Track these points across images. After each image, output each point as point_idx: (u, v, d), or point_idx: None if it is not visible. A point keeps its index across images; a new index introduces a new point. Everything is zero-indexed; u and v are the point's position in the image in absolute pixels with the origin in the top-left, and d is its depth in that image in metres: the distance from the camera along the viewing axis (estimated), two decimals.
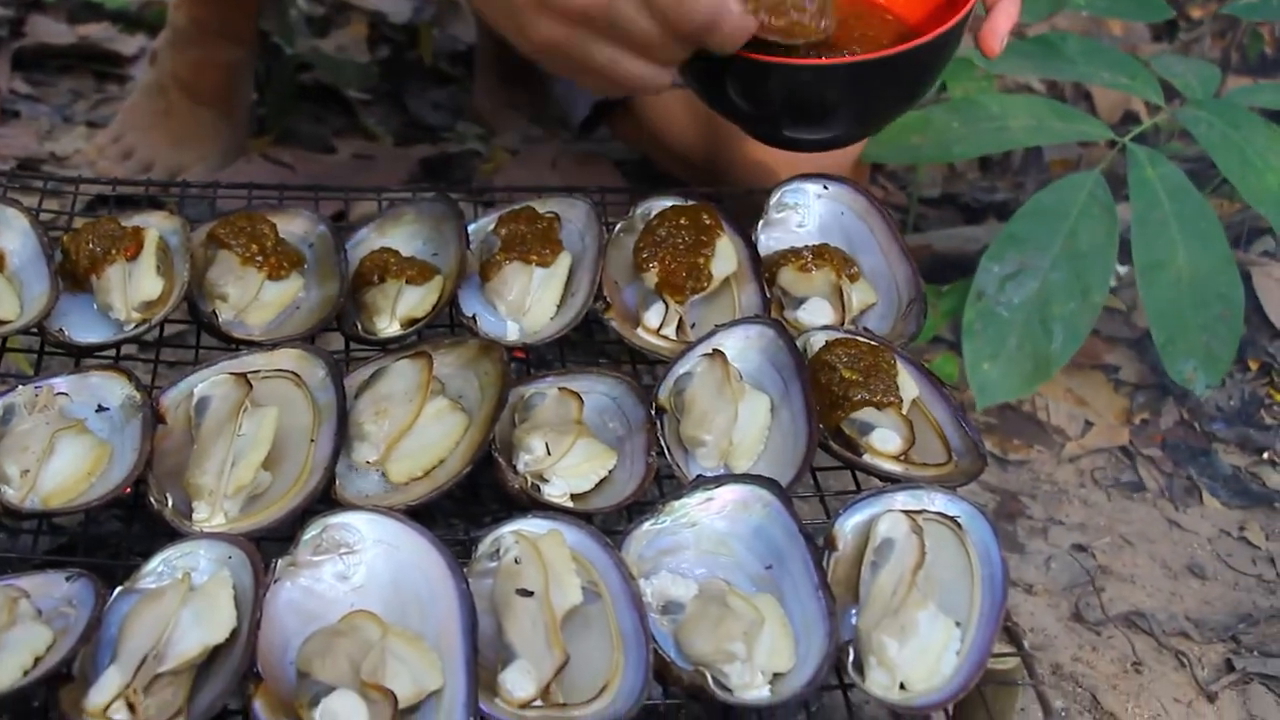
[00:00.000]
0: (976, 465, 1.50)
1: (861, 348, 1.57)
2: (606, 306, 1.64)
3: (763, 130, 1.68)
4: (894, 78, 1.57)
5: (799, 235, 1.80)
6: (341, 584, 1.33)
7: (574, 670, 1.26)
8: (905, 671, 1.29)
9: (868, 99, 1.60)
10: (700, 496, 1.41)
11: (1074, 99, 2.99)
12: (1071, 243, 2.08)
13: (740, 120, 1.67)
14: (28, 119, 2.74)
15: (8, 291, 1.57)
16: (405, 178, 2.60)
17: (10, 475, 1.37)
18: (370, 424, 1.46)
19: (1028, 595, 1.94)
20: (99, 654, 1.24)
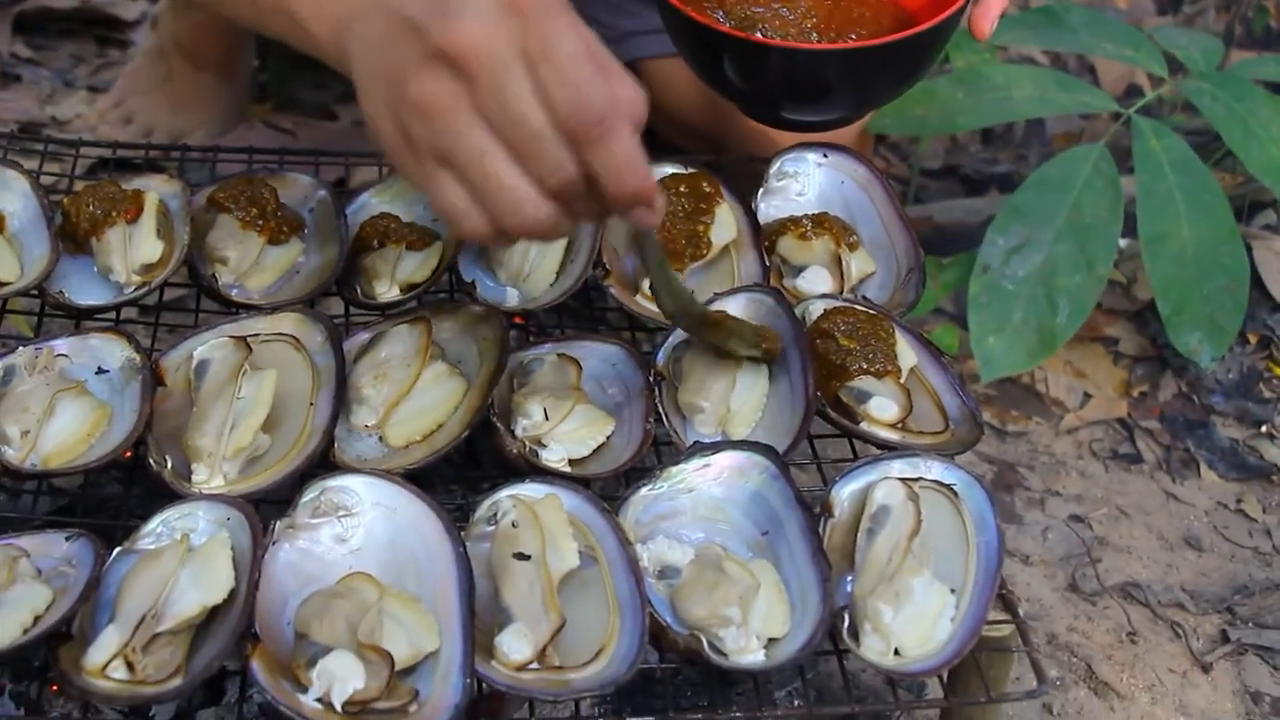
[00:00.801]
0: (973, 434, 1.50)
1: (860, 316, 1.57)
2: (606, 273, 1.64)
3: (759, 110, 1.68)
4: (893, 62, 1.57)
5: (799, 204, 1.80)
6: (339, 546, 1.33)
7: (570, 634, 1.27)
8: (900, 638, 1.30)
9: (866, 83, 1.59)
10: (697, 463, 1.42)
11: (1077, 71, 2.99)
12: (1076, 215, 2.08)
13: (737, 99, 1.66)
14: (29, 83, 2.73)
15: (8, 253, 1.57)
16: None
17: (10, 436, 1.37)
18: (369, 388, 1.46)
19: (1024, 565, 1.95)
20: (98, 613, 1.25)
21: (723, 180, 1.73)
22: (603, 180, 1.18)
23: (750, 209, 1.73)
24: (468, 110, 1.15)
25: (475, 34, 1.13)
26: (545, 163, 1.17)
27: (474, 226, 1.20)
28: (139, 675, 1.20)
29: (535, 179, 1.18)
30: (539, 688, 1.23)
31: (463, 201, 1.19)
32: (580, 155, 1.16)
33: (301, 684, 1.20)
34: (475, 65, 1.14)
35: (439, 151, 1.18)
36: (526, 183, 1.18)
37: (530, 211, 1.18)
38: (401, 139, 1.20)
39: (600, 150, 1.16)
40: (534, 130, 1.15)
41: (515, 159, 1.17)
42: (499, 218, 1.19)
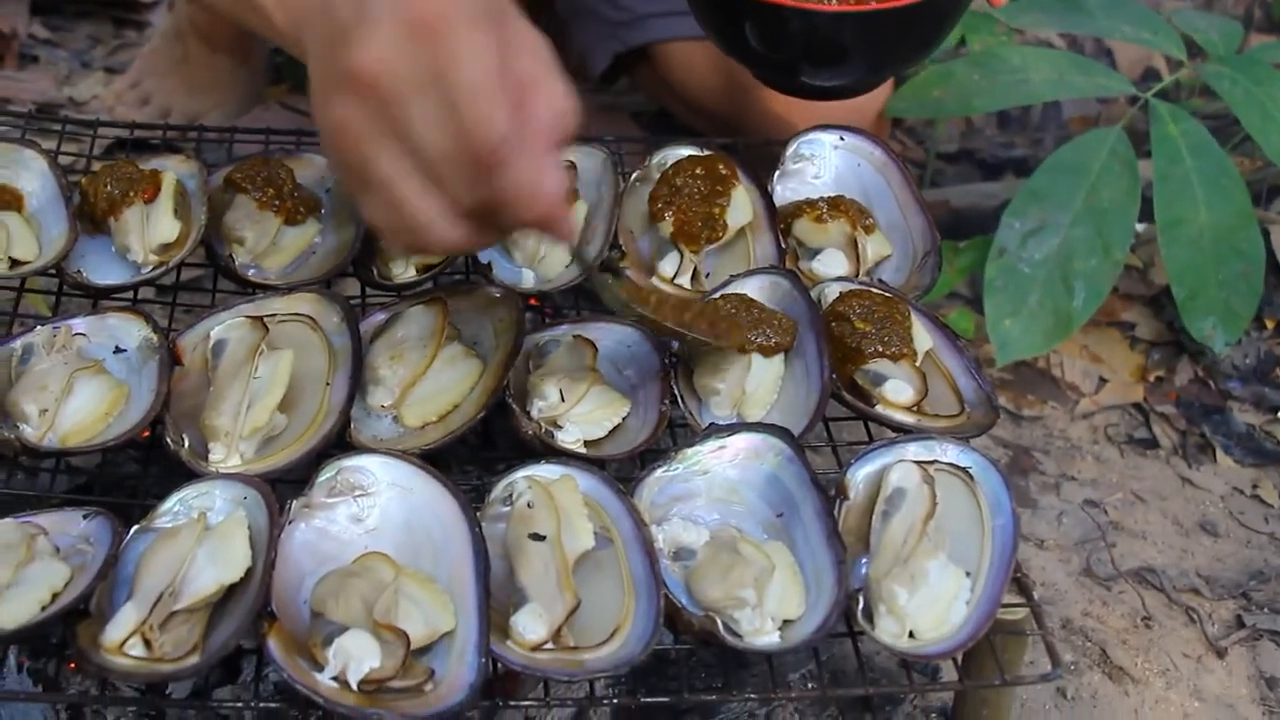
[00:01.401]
0: (989, 417, 1.50)
1: (876, 299, 1.57)
2: (621, 255, 1.64)
3: (776, 76, 1.68)
4: (910, 27, 1.56)
5: (815, 186, 1.80)
6: (355, 526, 1.34)
7: (585, 614, 1.27)
8: (915, 620, 1.30)
9: (883, 47, 1.59)
10: (713, 444, 1.42)
11: (1095, 55, 2.97)
12: (1093, 199, 2.08)
13: (754, 65, 1.66)
14: (46, 64, 2.74)
15: (26, 233, 1.58)
16: None
17: (29, 414, 1.38)
18: (385, 368, 1.46)
19: (1039, 550, 1.95)
20: (115, 591, 1.26)
21: (739, 162, 1.73)
22: (508, 206, 1.17)
23: (766, 191, 1.73)
24: (374, 135, 1.15)
25: (379, 58, 1.12)
26: (451, 187, 1.16)
27: (395, 244, 1.24)
28: (156, 653, 1.20)
29: (447, 203, 1.18)
30: (554, 668, 1.24)
31: (384, 221, 1.20)
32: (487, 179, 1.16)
33: (318, 662, 1.21)
34: (379, 91, 1.13)
35: (357, 173, 1.19)
36: (437, 206, 1.18)
37: (442, 233, 1.19)
38: (329, 155, 1.22)
39: (501, 176, 1.15)
40: (438, 156, 1.15)
41: (426, 183, 1.17)
42: (416, 236, 1.20)
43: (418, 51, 1.12)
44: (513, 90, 1.14)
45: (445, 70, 1.12)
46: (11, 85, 2.64)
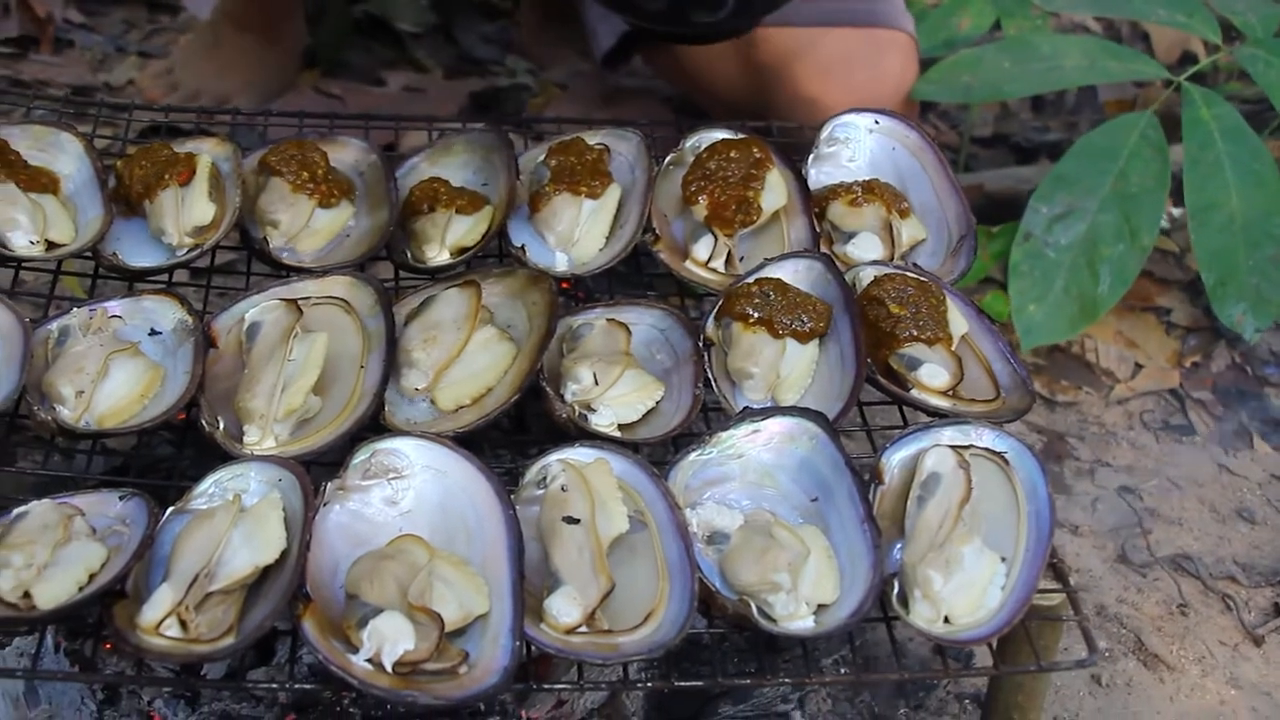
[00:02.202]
0: (1025, 401, 1.49)
1: (911, 283, 1.56)
2: (655, 239, 1.64)
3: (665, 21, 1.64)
4: None
5: (849, 170, 1.79)
6: (390, 508, 1.34)
7: (619, 597, 1.27)
8: (950, 605, 1.30)
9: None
10: (747, 428, 1.41)
11: (1130, 38, 2.95)
12: (1121, 184, 2.06)
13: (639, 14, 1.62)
14: (81, 48, 2.75)
15: (63, 215, 1.58)
16: (455, 111, 2.60)
17: (65, 395, 1.38)
18: (419, 351, 1.46)
19: (1073, 536, 1.94)
20: (151, 572, 1.26)
21: (773, 146, 1.72)
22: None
23: (801, 175, 1.72)
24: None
25: None
26: None
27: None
28: (192, 633, 1.21)
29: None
30: (588, 651, 1.24)
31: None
32: None
33: (352, 644, 1.21)
34: None
35: None
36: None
37: None
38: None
39: None
40: None
41: None
42: None
43: None
44: None
45: None
46: (47, 69, 2.65)
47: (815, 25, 2.16)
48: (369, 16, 2.88)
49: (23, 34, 2.75)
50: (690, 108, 2.54)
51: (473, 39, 2.94)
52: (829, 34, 2.16)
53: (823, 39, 2.16)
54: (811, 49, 2.16)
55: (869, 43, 2.17)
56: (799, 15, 2.13)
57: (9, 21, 2.74)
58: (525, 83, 2.79)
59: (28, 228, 1.53)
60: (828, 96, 2.09)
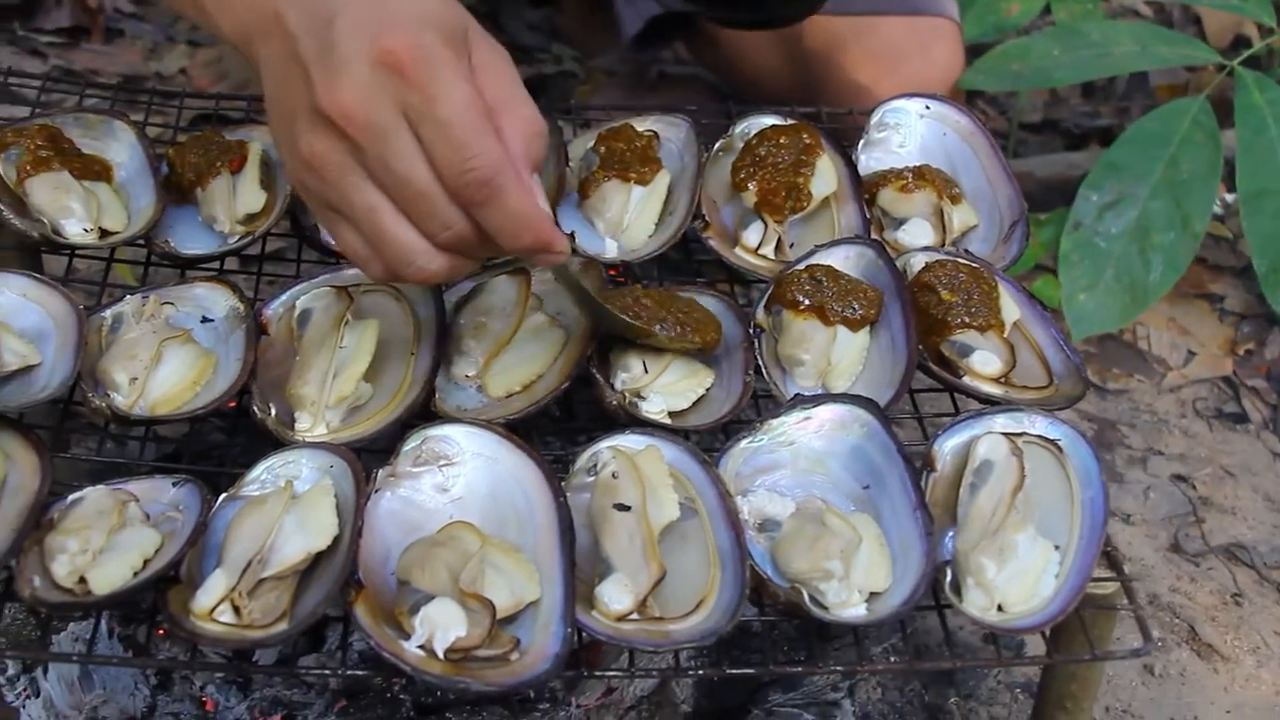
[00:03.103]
0: (1078, 389, 1.48)
1: (962, 270, 1.55)
2: (705, 225, 1.63)
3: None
4: None
5: (900, 156, 1.78)
6: (440, 495, 1.34)
7: (670, 585, 1.27)
8: (1003, 593, 1.29)
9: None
10: (798, 415, 1.41)
11: (1182, 23, 2.92)
12: (1172, 171, 2.04)
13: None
14: (131, 37, 2.77)
15: (116, 203, 1.59)
16: None
17: (119, 382, 1.39)
18: (469, 339, 1.46)
19: (1125, 525, 1.93)
20: (205, 558, 1.27)
21: (823, 132, 1.71)
22: (499, 238, 1.18)
23: (851, 160, 1.71)
24: (354, 169, 1.16)
25: (355, 96, 1.13)
26: (434, 220, 1.17)
27: (374, 272, 1.23)
28: (245, 619, 1.21)
29: (427, 234, 1.18)
30: (639, 638, 1.23)
31: (362, 250, 1.21)
32: (471, 214, 1.17)
33: (404, 631, 1.21)
34: (357, 127, 1.14)
35: (331, 205, 1.20)
36: (418, 237, 1.19)
37: (423, 264, 1.20)
38: (299, 186, 1.23)
39: (490, 211, 1.16)
40: (420, 190, 1.15)
41: (406, 215, 1.17)
42: (393, 268, 1.21)
43: (393, 86, 1.13)
44: (491, 120, 1.15)
45: (427, 104, 1.13)
46: (98, 58, 2.67)
47: (864, 14, 2.15)
48: None
49: (74, 24, 2.77)
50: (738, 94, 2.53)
51: (518, 26, 2.94)
52: (878, 22, 2.15)
53: (871, 28, 2.15)
54: (861, 37, 2.14)
55: (917, 31, 2.16)
56: (848, 2, 2.12)
57: (60, 11, 2.77)
58: (571, 70, 2.78)
59: (81, 215, 1.54)
60: (877, 85, 2.08)
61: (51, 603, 1.20)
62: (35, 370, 1.40)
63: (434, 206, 1.16)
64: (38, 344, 1.41)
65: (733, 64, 2.35)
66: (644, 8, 2.32)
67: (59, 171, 1.56)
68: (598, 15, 2.82)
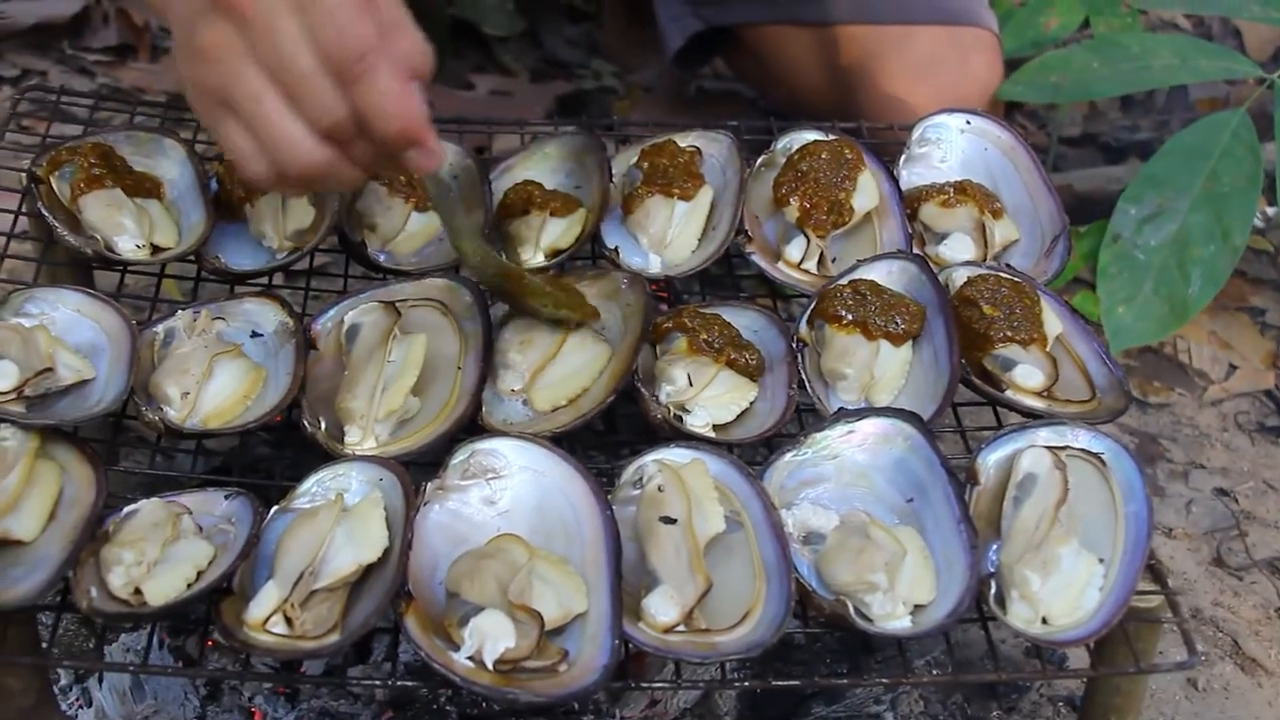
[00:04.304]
0: (1121, 402, 1.48)
1: (1004, 284, 1.56)
2: (748, 239, 1.64)
3: None
4: None
5: (941, 171, 1.78)
6: (488, 508, 1.35)
7: (716, 597, 1.28)
8: (1048, 606, 1.29)
9: None
10: (842, 429, 1.41)
11: (1221, 35, 2.92)
12: (1212, 184, 2.03)
13: None
14: None
15: (167, 220, 1.62)
16: (542, 114, 2.61)
17: (171, 397, 1.41)
18: (515, 353, 1.48)
19: (1167, 539, 1.92)
20: (257, 570, 1.29)
21: (864, 147, 1.72)
22: (370, 120, 1.23)
23: (892, 175, 1.72)
24: (242, 54, 1.21)
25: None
26: (315, 104, 1.22)
27: (256, 171, 1.27)
28: (297, 630, 1.23)
29: (308, 121, 1.23)
30: (686, 650, 1.24)
31: (247, 145, 1.26)
32: (348, 95, 1.21)
33: (453, 642, 1.22)
34: (248, 10, 1.19)
35: (221, 95, 1.24)
36: (300, 126, 1.23)
37: (305, 154, 1.24)
38: (193, 84, 1.27)
39: (364, 88, 1.21)
40: (302, 71, 1.21)
41: (289, 102, 1.22)
42: (276, 161, 1.25)
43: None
44: (376, 19, 1.21)
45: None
46: (145, 76, 2.70)
47: (900, 22, 2.16)
48: (455, 21, 2.91)
49: (121, 42, 2.80)
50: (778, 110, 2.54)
51: (558, 42, 2.96)
52: (916, 33, 2.15)
53: (909, 38, 2.15)
54: (898, 49, 2.15)
55: (955, 41, 2.16)
56: (884, 11, 2.13)
57: (108, 30, 2.80)
58: (611, 85, 2.80)
59: (134, 232, 1.56)
60: (915, 97, 2.09)
61: (108, 613, 1.22)
62: (90, 385, 1.42)
63: (315, 89, 1.21)
64: (92, 359, 1.44)
65: (771, 78, 2.36)
66: (686, 24, 2.34)
67: (112, 189, 1.58)
68: (637, 31, 2.83)
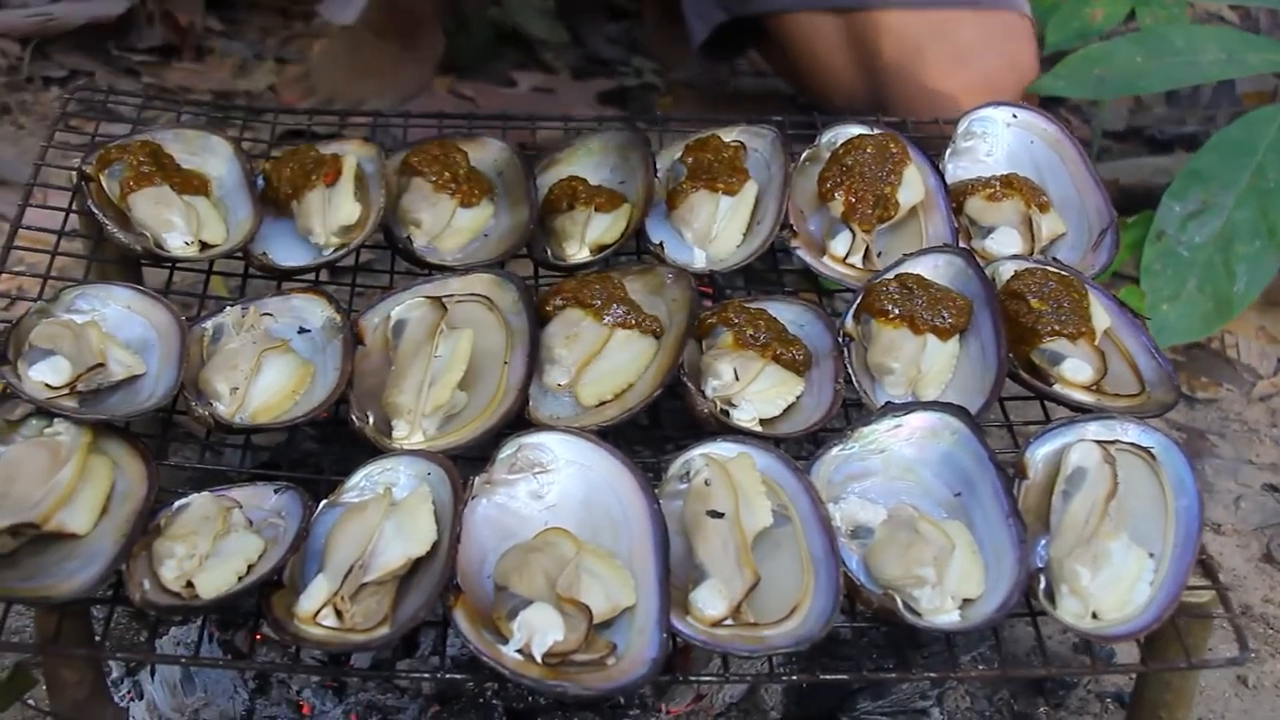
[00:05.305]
0: (1170, 396, 1.47)
1: (1052, 278, 1.55)
2: (793, 234, 1.64)
3: None
4: None
5: (987, 164, 1.78)
6: (536, 502, 1.36)
7: (764, 591, 1.28)
8: (1097, 601, 1.29)
9: None
10: (889, 423, 1.41)
11: (1269, 27, 2.89)
12: (1259, 179, 2.01)
13: None
14: (221, 55, 2.82)
15: (214, 217, 1.63)
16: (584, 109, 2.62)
17: (221, 392, 1.42)
18: (561, 347, 1.48)
19: (1216, 535, 1.91)
20: (306, 563, 1.29)
21: (909, 141, 1.72)
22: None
23: (938, 169, 1.71)
24: None
25: None
26: None
27: None
28: (348, 623, 1.24)
29: None
30: (734, 643, 1.24)
31: None
32: None
33: (502, 635, 1.23)
34: None
35: None
36: None
37: None
38: None
39: None
40: None
41: None
42: None
43: None
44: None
45: None
46: (190, 76, 2.73)
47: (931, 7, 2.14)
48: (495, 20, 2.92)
49: (166, 43, 2.83)
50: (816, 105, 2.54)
51: (599, 40, 2.96)
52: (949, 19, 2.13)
53: (943, 25, 2.13)
54: (934, 38, 2.14)
55: (990, 29, 2.15)
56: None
57: (153, 31, 2.82)
58: (652, 82, 2.80)
59: (182, 229, 1.58)
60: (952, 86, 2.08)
61: (160, 606, 1.24)
62: (140, 380, 1.43)
63: None
64: (142, 354, 1.45)
65: (802, 70, 2.35)
66: (711, 15, 2.32)
67: (160, 186, 1.60)
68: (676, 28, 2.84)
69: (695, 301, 1.52)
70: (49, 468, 1.31)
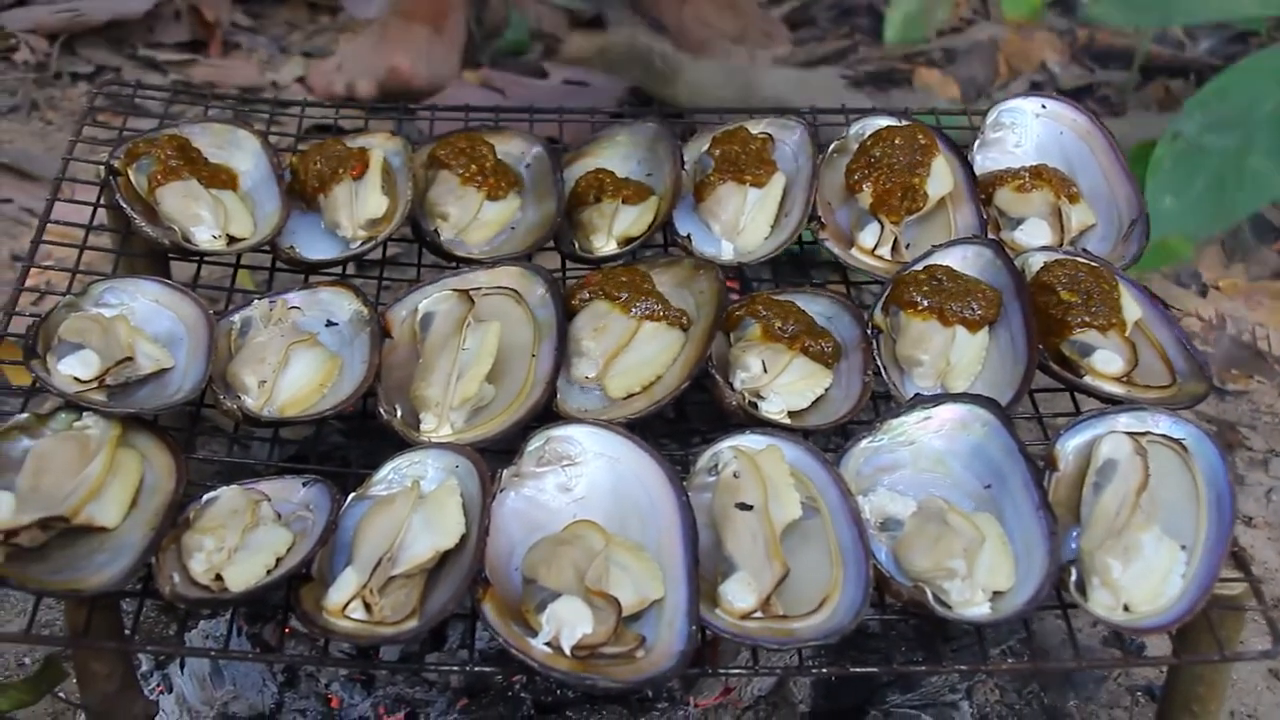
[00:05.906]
0: (1201, 387, 1.46)
1: (1082, 269, 1.54)
2: (821, 226, 1.63)
3: None
4: None
5: (1016, 155, 1.77)
6: (564, 494, 1.36)
7: (793, 583, 1.27)
8: (1129, 593, 1.28)
9: None
10: (918, 415, 1.40)
11: None
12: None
13: None
14: (248, 50, 2.82)
15: (242, 210, 1.63)
16: (615, 103, 2.62)
17: (249, 385, 1.42)
18: (589, 340, 1.48)
19: (1247, 528, 1.90)
20: (335, 556, 1.30)
21: (938, 132, 1.71)
22: None
23: (966, 161, 1.70)
24: None
25: None
26: None
27: None
28: (376, 616, 1.24)
29: None
30: (764, 636, 1.24)
31: None
32: None
33: (531, 628, 1.23)
34: None
35: None
36: None
37: None
38: None
39: None
40: None
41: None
42: None
43: None
44: None
45: None
46: (216, 71, 2.73)
47: None
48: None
49: (192, 38, 2.83)
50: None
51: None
52: None
53: None
54: None
55: None
56: None
57: (180, 26, 2.83)
58: None
59: (210, 223, 1.58)
60: None
61: (190, 599, 1.24)
62: (169, 374, 1.43)
63: None
64: (170, 348, 1.45)
65: None
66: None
67: (188, 180, 1.60)
68: None
69: (723, 294, 1.51)
70: (78, 461, 1.31)
